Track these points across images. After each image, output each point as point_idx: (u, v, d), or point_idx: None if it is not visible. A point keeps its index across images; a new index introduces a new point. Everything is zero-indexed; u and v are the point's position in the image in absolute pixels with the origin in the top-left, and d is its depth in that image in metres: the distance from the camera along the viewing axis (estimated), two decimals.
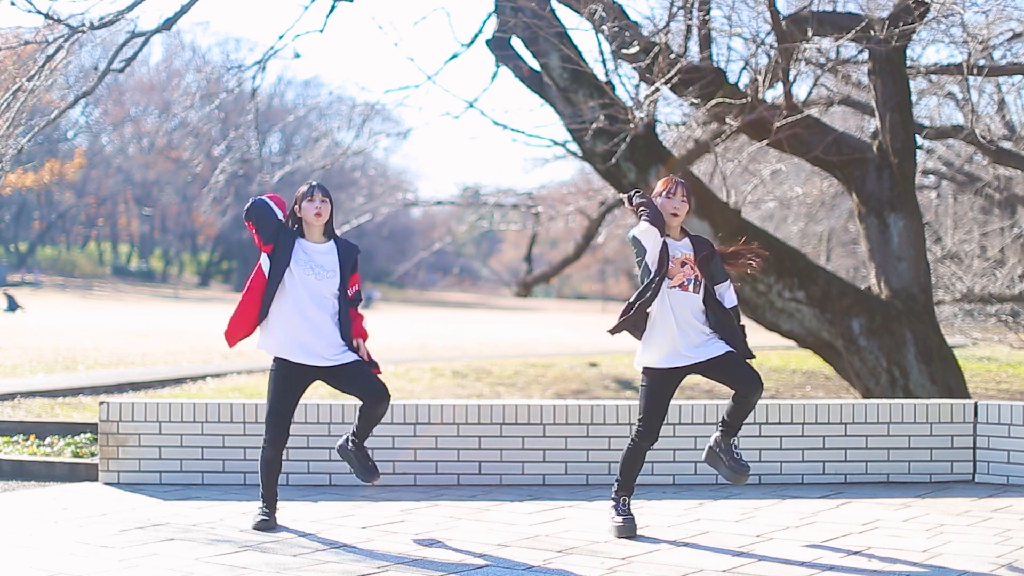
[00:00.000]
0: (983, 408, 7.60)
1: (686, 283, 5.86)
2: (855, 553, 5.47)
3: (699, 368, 5.85)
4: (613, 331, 5.98)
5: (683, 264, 5.86)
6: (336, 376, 6.02)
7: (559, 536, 5.85)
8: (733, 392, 5.87)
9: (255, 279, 6.05)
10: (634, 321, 5.86)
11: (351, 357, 5.99)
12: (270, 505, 6.10)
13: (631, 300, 5.88)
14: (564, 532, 5.95)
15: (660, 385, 5.87)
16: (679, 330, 5.81)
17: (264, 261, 6.05)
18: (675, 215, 5.90)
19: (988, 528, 6.05)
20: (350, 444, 6.17)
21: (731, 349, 5.81)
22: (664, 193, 5.92)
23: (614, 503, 5.95)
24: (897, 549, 5.55)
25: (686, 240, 5.99)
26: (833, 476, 7.54)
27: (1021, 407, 7.43)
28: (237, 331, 6.09)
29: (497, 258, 78.01)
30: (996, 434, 7.51)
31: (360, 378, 5.98)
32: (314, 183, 6.09)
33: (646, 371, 5.90)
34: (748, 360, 5.86)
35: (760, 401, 6.22)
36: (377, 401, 5.96)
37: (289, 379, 6.02)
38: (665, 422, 6.01)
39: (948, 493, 7.17)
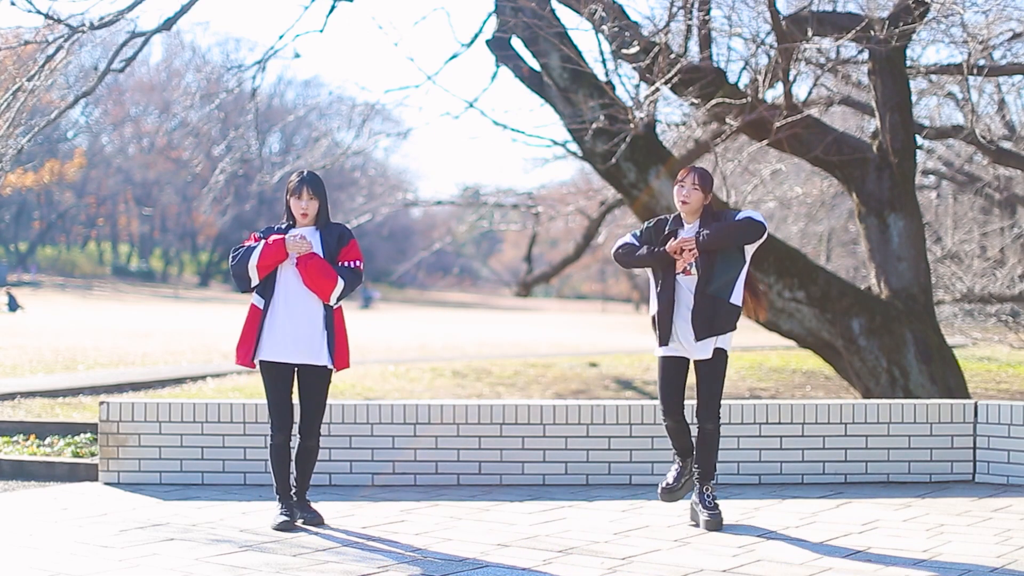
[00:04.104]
0: (983, 408, 7.60)
1: (688, 268, 6.00)
2: (855, 553, 5.47)
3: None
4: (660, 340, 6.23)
5: (682, 251, 5.98)
6: (302, 377, 5.96)
7: (559, 536, 5.85)
8: None
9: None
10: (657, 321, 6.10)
11: (323, 360, 5.90)
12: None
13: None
14: (564, 532, 5.95)
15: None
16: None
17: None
18: (684, 203, 6.03)
19: (988, 528, 6.05)
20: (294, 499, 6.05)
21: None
22: (678, 182, 6.08)
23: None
24: (897, 549, 5.55)
25: (695, 224, 6.04)
26: (833, 476, 7.54)
27: (1021, 407, 7.43)
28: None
29: (497, 258, 77.94)
30: (996, 434, 7.51)
31: (306, 396, 5.94)
32: (304, 175, 5.94)
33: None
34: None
35: (760, 401, 6.22)
36: (303, 435, 5.94)
37: (271, 374, 5.97)
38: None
39: (948, 493, 7.17)
